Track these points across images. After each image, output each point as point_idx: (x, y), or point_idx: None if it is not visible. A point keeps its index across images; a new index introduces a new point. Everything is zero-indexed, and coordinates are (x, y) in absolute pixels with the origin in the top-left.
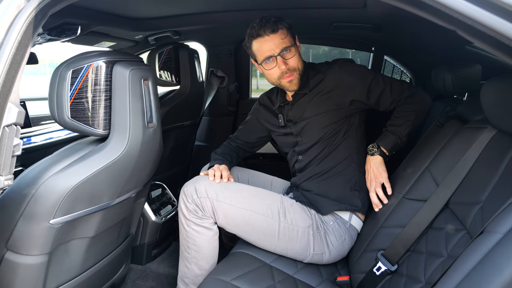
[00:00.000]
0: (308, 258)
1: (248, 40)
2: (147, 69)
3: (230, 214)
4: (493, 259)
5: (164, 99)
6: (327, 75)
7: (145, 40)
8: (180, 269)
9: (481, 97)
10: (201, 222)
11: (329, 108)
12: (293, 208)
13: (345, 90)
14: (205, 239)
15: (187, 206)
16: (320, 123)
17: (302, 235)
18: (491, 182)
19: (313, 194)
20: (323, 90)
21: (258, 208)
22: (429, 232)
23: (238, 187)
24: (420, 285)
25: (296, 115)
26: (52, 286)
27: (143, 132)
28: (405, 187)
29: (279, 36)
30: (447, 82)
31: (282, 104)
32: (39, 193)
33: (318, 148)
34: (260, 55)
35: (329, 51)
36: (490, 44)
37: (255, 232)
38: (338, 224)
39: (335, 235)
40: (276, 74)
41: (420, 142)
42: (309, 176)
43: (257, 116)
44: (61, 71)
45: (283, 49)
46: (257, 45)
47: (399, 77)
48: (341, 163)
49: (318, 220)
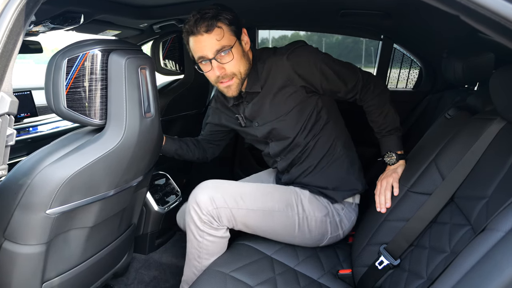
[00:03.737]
0: (325, 242)
1: (185, 35)
2: (144, 58)
3: (250, 218)
4: (494, 258)
5: (168, 89)
6: (277, 68)
7: (150, 28)
8: (187, 274)
9: (490, 87)
10: (215, 233)
11: (291, 107)
12: (307, 198)
13: (298, 82)
14: (219, 246)
15: (200, 217)
16: (287, 124)
17: (321, 224)
18: (497, 176)
19: (313, 187)
20: (276, 86)
21: (275, 206)
22: (433, 226)
23: (250, 188)
24: (421, 280)
25: (255, 115)
26: (52, 275)
27: (140, 122)
28: (410, 180)
29: (214, 36)
30: (457, 71)
31: (236, 102)
32: (35, 183)
33: (296, 149)
34: (194, 54)
35: (343, 40)
36: (495, 30)
37: (276, 229)
38: (347, 209)
39: (347, 218)
40: (213, 78)
41: (427, 134)
42: (299, 173)
43: (218, 115)
44: (57, 60)
45: (218, 51)
46: (192, 43)
47: (408, 66)
48: (327, 152)
49: (333, 209)
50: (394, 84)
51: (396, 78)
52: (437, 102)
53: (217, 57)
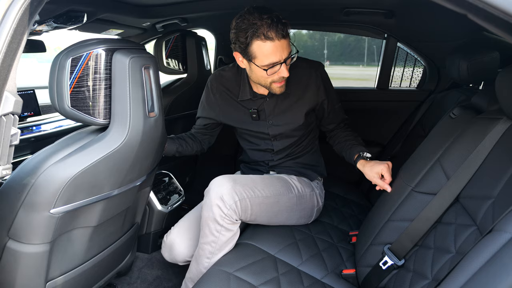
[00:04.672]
0: (314, 215)
1: (248, 36)
2: (148, 57)
3: (263, 205)
4: (501, 260)
5: (171, 88)
6: (307, 77)
7: (152, 27)
8: (193, 271)
9: (495, 86)
10: (233, 227)
11: (306, 111)
12: (296, 179)
13: (320, 95)
14: (232, 241)
15: (223, 212)
16: (299, 127)
17: (310, 198)
18: (504, 176)
19: (296, 170)
20: (301, 91)
21: (280, 190)
22: (438, 227)
23: (256, 178)
24: (426, 281)
25: (273, 113)
26: (56, 274)
27: (144, 122)
28: (414, 180)
29: (287, 41)
30: (462, 70)
31: (253, 98)
32: (39, 182)
33: (293, 147)
34: (264, 58)
35: (345, 38)
36: (503, 29)
37: (281, 211)
38: (320, 185)
39: (322, 191)
40: (272, 79)
41: (431, 133)
42: (282, 161)
43: (216, 108)
44: (61, 59)
45: (288, 56)
46: (262, 47)
47: (412, 65)
48: (310, 145)
49: (313, 185)
50: (398, 83)
51: (400, 77)
52: (441, 101)
53: (287, 61)
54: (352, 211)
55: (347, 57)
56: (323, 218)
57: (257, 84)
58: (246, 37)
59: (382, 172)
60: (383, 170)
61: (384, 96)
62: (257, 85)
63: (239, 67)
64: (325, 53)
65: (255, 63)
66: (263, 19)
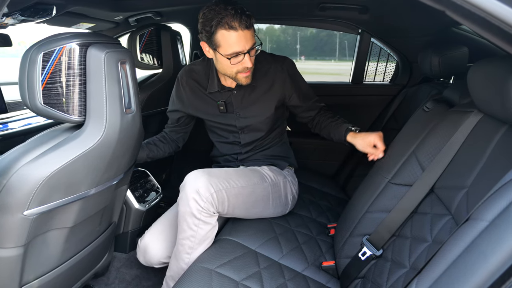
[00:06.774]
0: (289, 205)
1: (213, 26)
2: (124, 52)
3: (240, 196)
4: (479, 247)
5: (146, 83)
6: (273, 70)
7: (125, 21)
8: (173, 269)
9: (468, 80)
10: (210, 220)
11: (274, 104)
12: (267, 168)
13: (286, 89)
14: (211, 235)
15: (199, 205)
16: (266, 120)
17: (284, 186)
18: (476, 167)
19: (262, 162)
20: (267, 84)
21: (254, 180)
22: (414, 217)
23: (230, 170)
24: (404, 270)
25: (241, 106)
26: (31, 278)
27: (121, 118)
28: (391, 172)
29: (251, 32)
30: (434, 65)
31: (221, 90)
32: (11, 183)
33: (260, 140)
34: (228, 47)
35: (317, 33)
36: (480, 25)
37: (257, 202)
38: (291, 173)
39: (294, 179)
40: (236, 69)
41: (406, 126)
42: (251, 154)
43: (186, 101)
44: (31, 54)
45: (251, 47)
46: (226, 36)
47: (386, 60)
48: (277, 138)
49: (284, 172)
50: (372, 78)
51: (373, 71)
52: (414, 95)
53: (250, 52)
54: (329, 203)
55: (319, 52)
56: (301, 212)
57: (224, 75)
58: (211, 26)
59: (374, 141)
60: (376, 139)
61: (358, 91)
62: (225, 78)
63: (209, 61)
64: (298, 48)
65: (219, 52)
66: (227, 10)
